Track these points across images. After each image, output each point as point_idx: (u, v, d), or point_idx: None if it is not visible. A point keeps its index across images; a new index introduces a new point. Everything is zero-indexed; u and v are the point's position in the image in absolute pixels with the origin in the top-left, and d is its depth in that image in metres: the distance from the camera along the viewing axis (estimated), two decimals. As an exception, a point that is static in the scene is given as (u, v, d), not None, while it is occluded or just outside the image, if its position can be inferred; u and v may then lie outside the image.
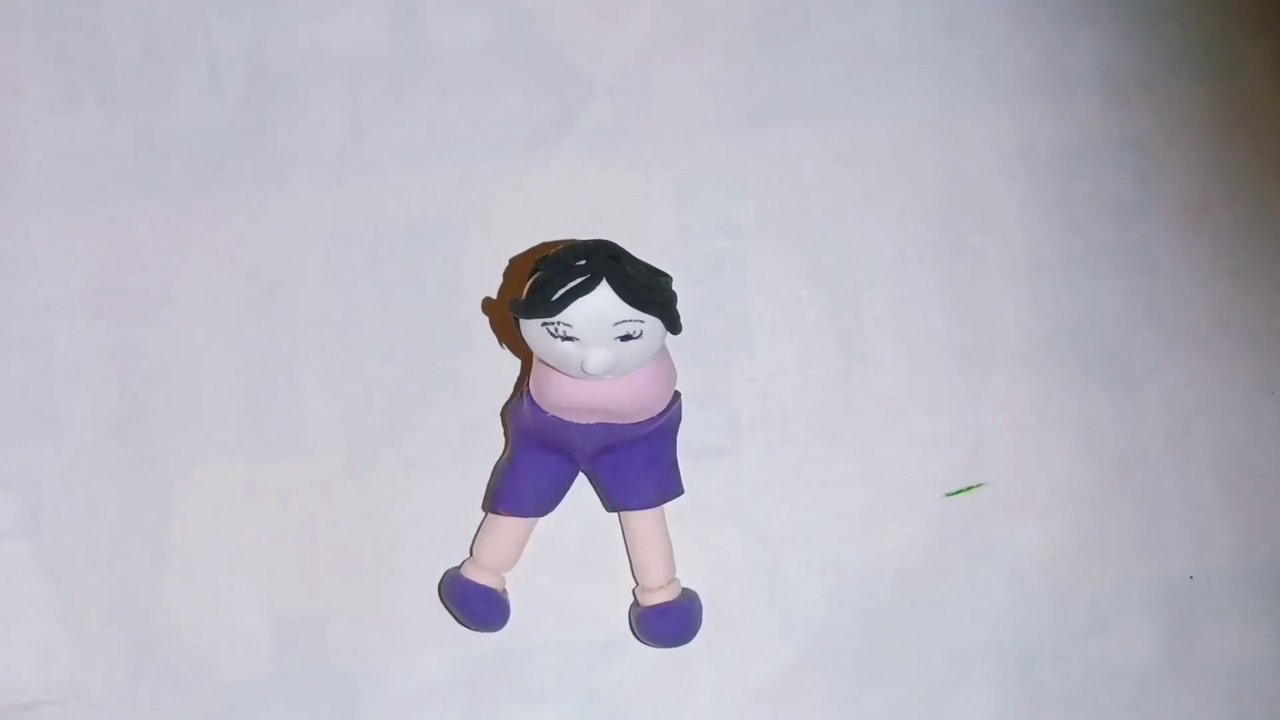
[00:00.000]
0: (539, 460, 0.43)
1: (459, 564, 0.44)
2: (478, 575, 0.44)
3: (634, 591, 0.44)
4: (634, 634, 0.44)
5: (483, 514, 0.44)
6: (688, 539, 0.45)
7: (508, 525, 0.43)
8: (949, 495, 0.46)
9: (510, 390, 0.45)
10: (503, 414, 0.45)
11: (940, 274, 0.46)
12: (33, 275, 0.45)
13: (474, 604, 0.44)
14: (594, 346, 0.38)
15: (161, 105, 0.46)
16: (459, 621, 0.44)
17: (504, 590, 0.44)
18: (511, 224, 0.45)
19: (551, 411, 0.41)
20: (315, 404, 0.45)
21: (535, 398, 0.41)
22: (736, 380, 0.45)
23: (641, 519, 0.43)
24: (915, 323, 0.46)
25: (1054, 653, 0.45)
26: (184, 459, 0.45)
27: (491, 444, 0.45)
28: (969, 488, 0.46)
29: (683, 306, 0.42)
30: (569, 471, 0.43)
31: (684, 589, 0.44)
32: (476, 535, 0.44)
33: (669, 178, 0.46)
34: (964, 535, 0.45)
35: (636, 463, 0.43)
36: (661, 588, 0.44)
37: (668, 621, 0.44)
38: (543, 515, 0.44)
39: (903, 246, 0.46)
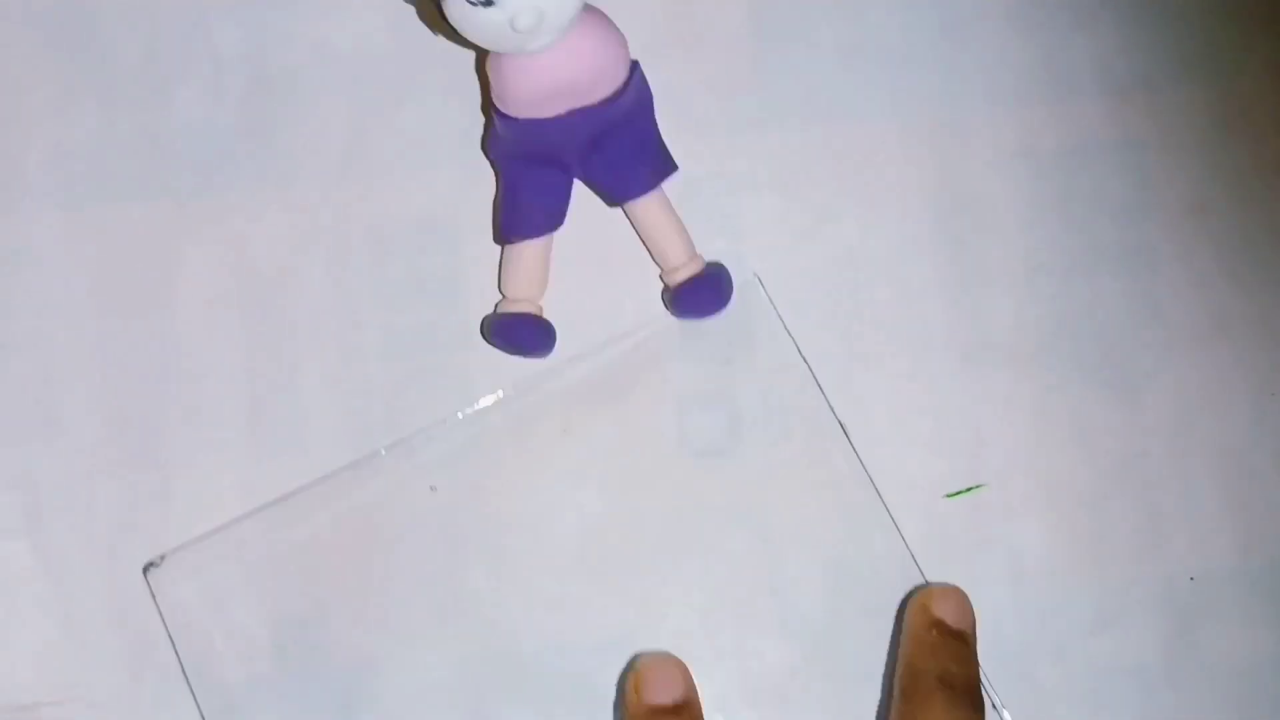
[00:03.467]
0: (532, 177, 0.44)
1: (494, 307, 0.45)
2: (514, 308, 0.44)
3: (661, 278, 0.45)
4: (672, 314, 0.45)
5: (499, 250, 0.45)
6: (691, 540, 0.45)
7: (525, 252, 0.44)
8: (949, 496, 0.46)
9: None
10: (483, 148, 0.45)
11: (940, 274, 0.46)
12: (33, 275, 0.45)
13: (519, 331, 0.44)
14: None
15: (162, 106, 0.46)
16: (512, 353, 0.45)
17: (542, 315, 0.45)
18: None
19: (518, 113, 0.42)
20: (316, 403, 0.45)
21: (499, 106, 0.42)
22: (737, 380, 0.45)
23: (647, 207, 0.44)
24: (915, 323, 0.46)
25: (1054, 653, 0.45)
26: (184, 459, 0.45)
27: (495, 442, 0.45)
28: (969, 489, 0.46)
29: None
30: (564, 180, 0.44)
31: (707, 261, 0.45)
32: (500, 275, 0.45)
33: (668, 178, 0.46)
34: (964, 536, 0.45)
35: (624, 151, 0.44)
36: (685, 264, 0.44)
37: (700, 293, 0.44)
38: (553, 230, 0.44)
39: (903, 246, 0.46)
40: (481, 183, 0.46)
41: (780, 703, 0.44)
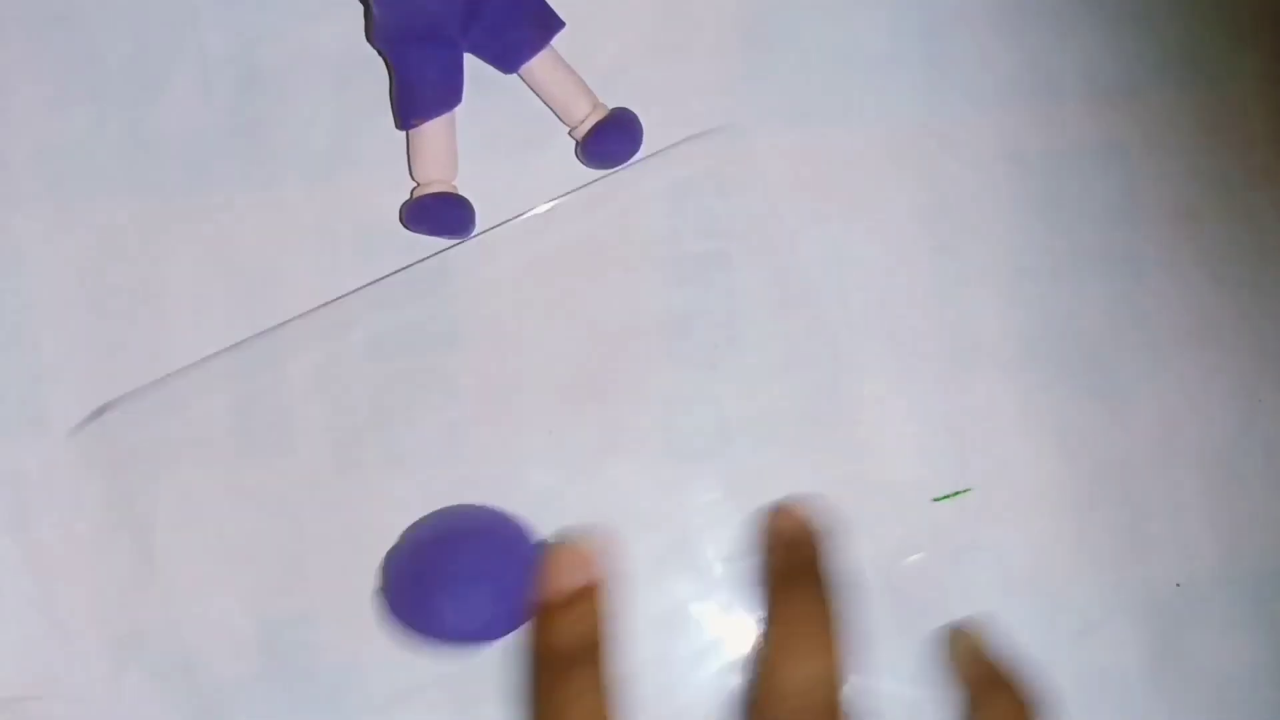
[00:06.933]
0: (419, 57, 0.44)
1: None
2: (427, 191, 0.44)
3: (571, 135, 0.45)
4: (586, 165, 0.45)
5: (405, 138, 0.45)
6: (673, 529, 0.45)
7: (427, 134, 0.44)
8: (935, 500, 0.46)
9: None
10: (368, 39, 0.46)
11: (926, 278, 0.46)
12: (20, 271, 0.46)
13: (435, 211, 0.44)
14: None
15: (151, 104, 0.46)
16: (432, 234, 0.45)
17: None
18: (498, 222, 0.46)
19: None
20: (302, 402, 0.45)
21: None
22: (723, 382, 0.45)
23: (541, 67, 0.44)
24: (901, 327, 0.46)
25: (1039, 659, 0.45)
26: (170, 456, 0.45)
27: (480, 441, 0.45)
28: (955, 493, 0.46)
29: (671, 307, 0.42)
30: (452, 56, 0.44)
31: (611, 107, 0.45)
32: (409, 163, 0.45)
33: (657, 179, 0.46)
34: (950, 540, 0.45)
35: (506, 14, 0.44)
36: (590, 114, 0.45)
37: (608, 137, 0.45)
38: (450, 108, 0.44)
39: (889, 250, 0.46)
40: (469, 182, 0.46)
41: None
